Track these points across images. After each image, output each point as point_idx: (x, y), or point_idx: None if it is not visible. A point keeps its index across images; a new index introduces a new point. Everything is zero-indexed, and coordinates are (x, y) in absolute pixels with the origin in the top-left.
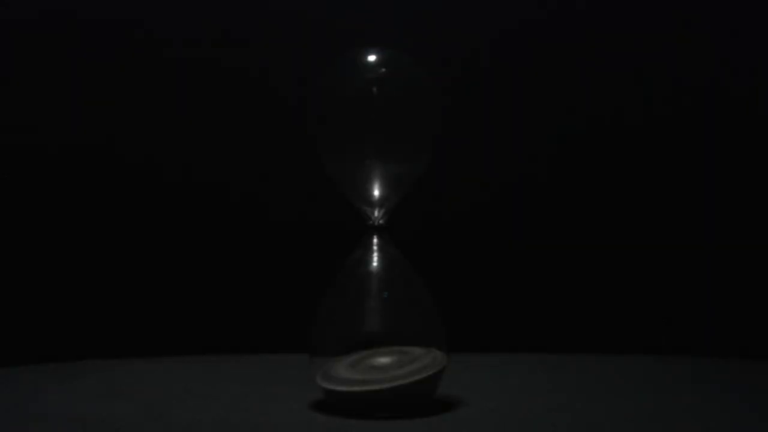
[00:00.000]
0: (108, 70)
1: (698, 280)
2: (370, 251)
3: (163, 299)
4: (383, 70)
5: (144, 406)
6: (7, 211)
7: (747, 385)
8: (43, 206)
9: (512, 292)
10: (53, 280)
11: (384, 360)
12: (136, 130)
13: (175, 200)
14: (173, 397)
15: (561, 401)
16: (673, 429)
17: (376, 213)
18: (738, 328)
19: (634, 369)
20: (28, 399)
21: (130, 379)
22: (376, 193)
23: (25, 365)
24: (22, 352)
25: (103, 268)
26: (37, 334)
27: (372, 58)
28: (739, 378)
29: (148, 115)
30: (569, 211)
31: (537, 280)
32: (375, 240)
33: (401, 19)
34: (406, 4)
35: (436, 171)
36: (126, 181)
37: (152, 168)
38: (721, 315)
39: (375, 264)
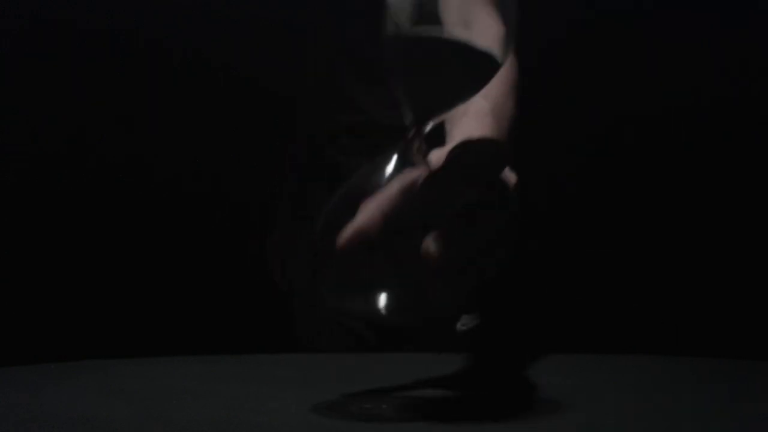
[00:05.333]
0: (109, 75)
1: (698, 280)
2: None
3: (163, 299)
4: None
5: (144, 406)
6: (7, 214)
7: (747, 385)
8: (44, 209)
9: (512, 292)
10: (53, 281)
11: None
12: (137, 134)
13: (175, 201)
14: (173, 397)
15: (561, 401)
16: (673, 429)
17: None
18: (738, 328)
19: (634, 369)
20: (27, 399)
21: (130, 379)
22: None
23: (25, 365)
24: (22, 352)
25: (103, 269)
26: (36, 334)
27: None
28: (738, 378)
29: (146, 117)
30: (569, 212)
31: (536, 280)
32: None
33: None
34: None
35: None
36: (124, 183)
37: (151, 170)
38: (721, 315)
39: None
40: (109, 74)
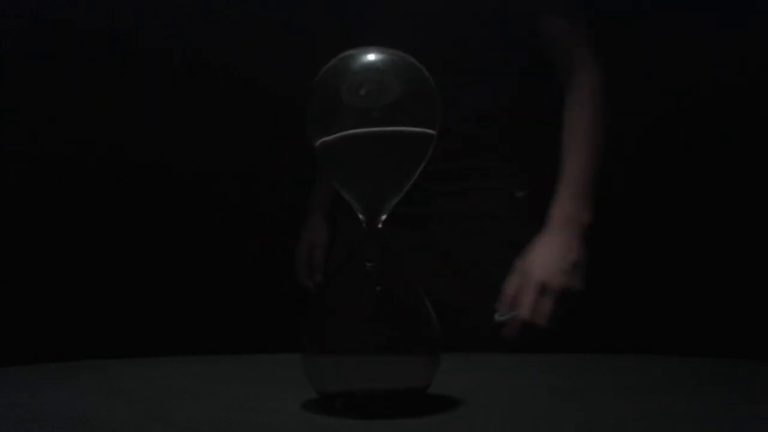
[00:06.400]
0: (109, 75)
1: (698, 281)
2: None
3: (163, 300)
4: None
5: (144, 406)
6: (7, 214)
7: (747, 385)
8: (44, 209)
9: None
10: (53, 281)
11: None
12: (137, 134)
13: (175, 202)
14: (173, 397)
15: (561, 401)
16: (673, 429)
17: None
18: (738, 328)
19: (634, 369)
20: (27, 399)
21: (130, 379)
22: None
23: (25, 365)
24: (22, 352)
25: (103, 270)
26: (36, 334)
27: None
28: (739, 378)
29: (147, 117)
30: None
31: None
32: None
33: (401, 19)
34: (406, 3)
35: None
36: (124, 183)
37: (154, 170)
38: (721, 315)
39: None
40: (109, 74)
